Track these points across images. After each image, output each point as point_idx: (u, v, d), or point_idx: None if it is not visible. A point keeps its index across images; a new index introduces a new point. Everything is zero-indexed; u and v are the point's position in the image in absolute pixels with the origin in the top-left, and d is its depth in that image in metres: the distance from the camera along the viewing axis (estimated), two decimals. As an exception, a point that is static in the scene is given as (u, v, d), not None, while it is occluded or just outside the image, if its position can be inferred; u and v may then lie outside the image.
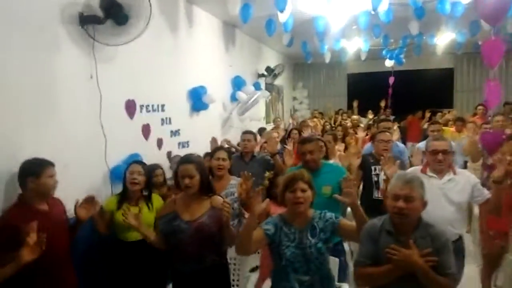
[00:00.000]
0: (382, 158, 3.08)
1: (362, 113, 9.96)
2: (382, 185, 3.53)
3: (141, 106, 3.86)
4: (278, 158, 3.89)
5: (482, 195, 2.74)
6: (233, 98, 6.30)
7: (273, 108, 9.55)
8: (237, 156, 4.14)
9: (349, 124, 8.42)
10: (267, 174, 3.20)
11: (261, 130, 7.05)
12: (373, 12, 4.51)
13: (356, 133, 5.93)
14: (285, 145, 4.79)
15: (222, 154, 3.36)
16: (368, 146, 4.46)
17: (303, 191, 2.19)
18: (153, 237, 2.43)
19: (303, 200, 2.18)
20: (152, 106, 4.06)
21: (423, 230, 2.04)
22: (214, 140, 3.79)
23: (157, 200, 3.00)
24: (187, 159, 2.41)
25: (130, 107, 3.69)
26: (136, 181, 2.85)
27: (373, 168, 3.58)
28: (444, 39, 8.06)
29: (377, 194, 3.56)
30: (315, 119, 9.02)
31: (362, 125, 8.37)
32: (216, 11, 5.67)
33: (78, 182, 2.96)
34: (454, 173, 2.81)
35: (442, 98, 10.94)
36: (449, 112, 9.55)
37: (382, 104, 9.63)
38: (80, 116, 3.05)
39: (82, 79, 3.08)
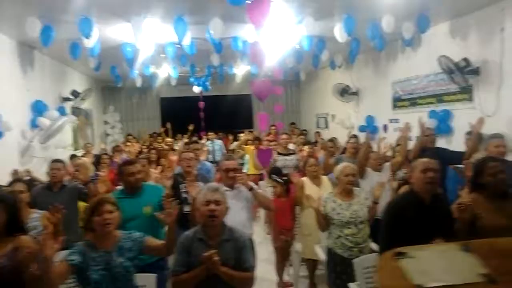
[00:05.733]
0: (187, 180, 3.44)
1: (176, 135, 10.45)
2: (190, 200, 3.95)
3: None
4: (92, 186, 3.84)
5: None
6: (34, 124, 5.76)
7: (82, 134, 9.03)
8: (43, 186, 3.87)
9: (165, 146, 8.70)
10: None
11: (74, 157, 6.61)
12: (178, 46, 4.96)
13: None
14: (97, 172, 4.72)
15: (19, 187, 3.15)
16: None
17: (110, 212, 2.32)
18: None
19: (111, 221, 2.31)
20: None
21: (227, 234, 2.46)
22: (15, 172, 3.45)
23: None
24: None
25: None
26: None
27: (181, 186, 3.93)
28: (242, 70, 9.35)
29: (187, 209, 3.93)
30: (128, 144, 8.97)
31: (177, 147, 8.80)
32: (10, 32, 5.16)
33: None
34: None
35: (244, 120, 12.43)
36: (249, 132, 10.97)
37: (191, 127, 10.30)
38: None
39: None
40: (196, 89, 9.80)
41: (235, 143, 9.62)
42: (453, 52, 5.38)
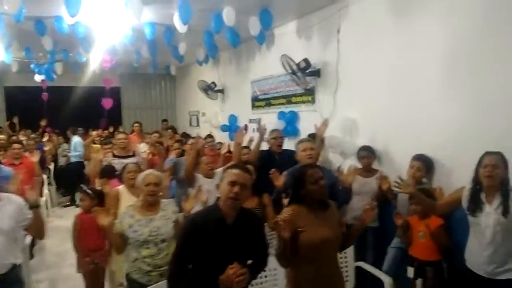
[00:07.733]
0: None
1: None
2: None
3: None
4: None
5: (27, 218, 2.64)
6: None
7: None
8: None
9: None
10: None
11: None
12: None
13: None
14: None
15: None
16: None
17: None
18: None
19: None
20: None
21: None
22: None
23: None
24: None
25: None
26: None
27: None
28: (95, 58, 8.17)
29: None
30: None
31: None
32: None
33: None
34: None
35: (110, 115, 11.15)
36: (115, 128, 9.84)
37: (43, 123, 8.92)
38: None
39: None
40: (38, 78, 8.42)
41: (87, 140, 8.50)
42: (298, 52, 5.21)
